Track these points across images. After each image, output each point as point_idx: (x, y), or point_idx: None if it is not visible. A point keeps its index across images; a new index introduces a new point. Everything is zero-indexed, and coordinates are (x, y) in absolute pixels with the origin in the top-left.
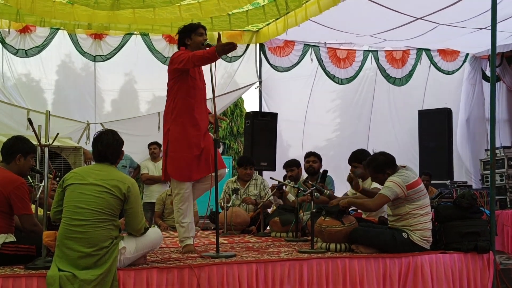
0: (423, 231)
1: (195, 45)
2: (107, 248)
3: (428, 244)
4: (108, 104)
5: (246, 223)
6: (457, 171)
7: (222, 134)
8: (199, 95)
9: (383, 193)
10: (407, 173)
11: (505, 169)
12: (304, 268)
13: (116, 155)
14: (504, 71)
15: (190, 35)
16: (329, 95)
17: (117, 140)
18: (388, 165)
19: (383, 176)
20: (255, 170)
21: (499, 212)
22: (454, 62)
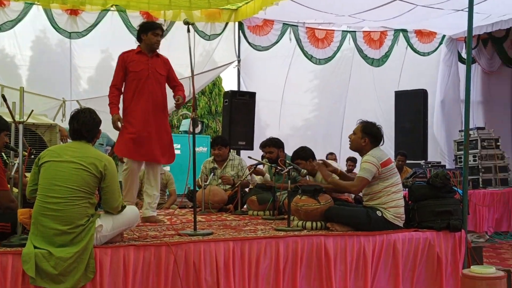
0: (396, 208)
1: (148, 42)
2: (83, 226)
3: (402, 221)
4: (84, 81)
5: (224, 201)
6: (432, 151)
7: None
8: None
9: (362, 175)
10: (380, 153)
11: (478, 150)
12: (280, 246)
13: (93, 134)
14: (479, 53)
15: (147, 32)
16: (307, 75)
17: (94, 119)
18: (373, 136)
19: (359, 138)
20: (233, 149)
21: (472, 192)
22: (431, 43)
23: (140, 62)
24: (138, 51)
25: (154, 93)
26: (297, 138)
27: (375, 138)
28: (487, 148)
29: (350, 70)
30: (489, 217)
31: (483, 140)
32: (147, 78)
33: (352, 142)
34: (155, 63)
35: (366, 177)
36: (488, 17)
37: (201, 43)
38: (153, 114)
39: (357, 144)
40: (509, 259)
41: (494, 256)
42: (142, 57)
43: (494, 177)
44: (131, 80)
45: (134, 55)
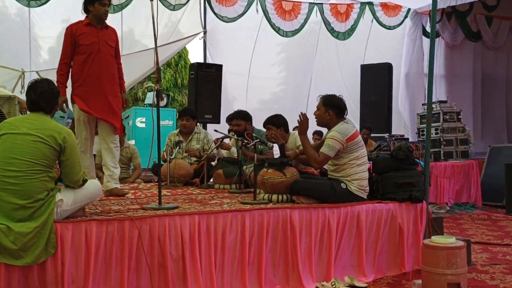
0: (360, 180)
1: (96, 14)
2: (43, 200)
3: (365, 193)
4: (44, 52)
5: (190, 175)
6: (395, 124)
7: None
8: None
9: (325, 152)
10: (346, 126)
11: (440, 123)
12: (246, 219)
13: (51, 105)
14: (443, 27)
15: (94, 3)
16: (274, 48)
17: (52, 90)
18: (336, 107)
19: (324, 112)
20: (199, 122)
21: (433, 164)
22: (396, 17)
23: (90, 35)
24: (87, 23)
25: (105, 66)
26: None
27: (339, 110)
28: (449, 121)
29: (317, 44)
30: (449, 189)
31: (445, 113)
32: (98, 51)
33: (318, 118)
34: (105, 35)
35: (329, 154)
36: None
37: (166, 13)
38: (107, 87)
39: (322, 119)
40: (469, 229)
41: (454, 226)
42: (92, 29)
43: (455, 149)
44: (81, 53)
45: (83, 27)
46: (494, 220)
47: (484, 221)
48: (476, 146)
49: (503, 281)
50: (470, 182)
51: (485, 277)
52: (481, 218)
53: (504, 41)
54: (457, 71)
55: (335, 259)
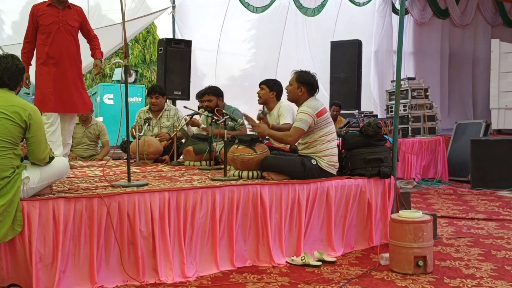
0: (330, 156)
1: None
2: (9, 178)
3: (335, 169)
4: (8, 27)
5: (159, 152)
6: (365, 101)
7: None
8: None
9: (298, 126)
10: (315, 102)
11: (408, 100)
12: (216, 196)
13: (15, 81)
14: (412, 4)
15: None
16: (244, 25)
17: (16, 65)
18: (309, 85)
19: (296, 88)
20: (169, 99)
21: (401, 140)
22: None
23: (50, 15)
24: (49, 3)
25: (65, 46)
26: (235, 88)
27: (311, 87)
28: (417, 98)
29: (285, 19)
30: (417, 165)
31: (413, 90)
32: (58, 31)
33: (289, 93)
34: (67, 15)
35: (302, 128)
36: None
37: None
38: (68, 66)
39: (294, 94)
40: (435, 204)
41: (421, 201)
42: (53, 10)
43: (423, 126)
44: (42, 33)
45: (44, 8)
46: (460, 195)
47: (450, 195)
48: (443, 122)
49: (467, 254)
50: (437, 158)
51: (450, 250)
52: (447, 193)
53: (471, 19)
54: (425, 48)
55: (304, 234)
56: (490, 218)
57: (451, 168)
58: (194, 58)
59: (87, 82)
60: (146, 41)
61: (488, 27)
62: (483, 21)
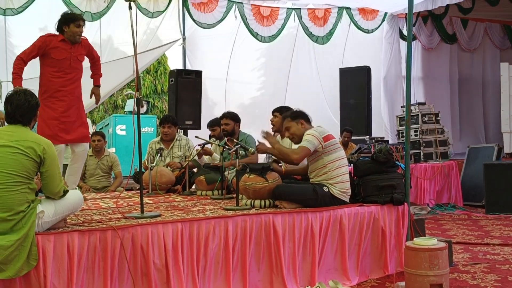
0: (342, 183)
1: (71, 34)
2: (24, 213)
3: (347, 196)
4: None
5: (171, 182)
6: (375, 127)
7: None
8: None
9: (304, 145)
10: (320, 128)
11: (419, 125)
12: (229, 225)
13: (28, 117)
14: (420, 30)
15: (68, 24)
16: (253, 53)
17: (29, 101)
18: (303, 116)
19: (296, 125)
20: (180, 129)
21: (413, 166)
22: (373, 21)
23: (63, 50)
24: (62, 39)
25: (73, 80)
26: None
27: (305, 116)
28: (428, 123)
29: (293, 48)
30: (430, 190)
31: (424, 115)
32: (69, 66)
33: (295, 136)
34: (77, 51)
35: (308, 147)
36: None
37: (144, 20)
38: (74, 99)
39: (298, 131)
40: (450, 229)
41: (436, 227)
42: (66, 45)
43: (435, 150)
44: (52, 66)
45: (57, 42)
46: (474, 220)
47: (465, 221)
48: (455, 147)
49: (484, 280)
50: (450, 183)
51: (467, 277)
52: (462, 218)
53: (479, 43)
54: (434, 73)
55: (318, 263)
56: (506, 243)
57: (465, 192)
58: (204, 87)
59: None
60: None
61: (496, 51)
62: (491, 45)
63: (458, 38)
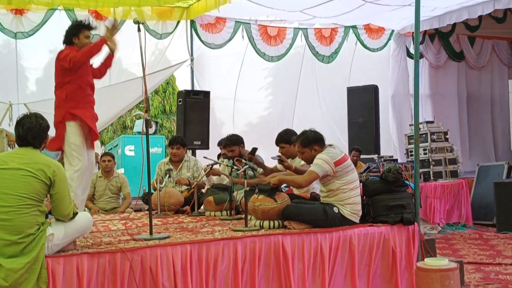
0: (353, 205)
1: (81, 45)
2: (34, 235)
3: (358, 217)
4: (32, 84)
5: (180, 203)
6: (384, 145)
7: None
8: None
9: (313, 169)
10: (333, 151)
11: (428, 143)
12: (238, 247)
13: (39, 140)
14: (427, 48)
15: (78, 35)
16: (261, 73)
17: (40, 124)
18: (316, 141)
19: (309, 152)
20: (188, 149)
21: (423, 185)
22: (379, 39)
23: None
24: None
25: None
26: (253, 134)
27: (320, 141)
28: (437, 141)
29: (301, 67)
30: (440, 209)
31: (433, 133)
32: (87, 74)
33: (307, 160)
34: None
35: (316, 172)
36: (434, 10)
37: (153, 41)
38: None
39: (311, 157)
40: (461, 249)
41: (447, 247)
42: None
43: (444, 169)
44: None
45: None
46: (486, 239)
47: (476, 240)
48: (465, 165)
49: None
50: (461, 202)
51: None
52: (473, 237)
53: (487, 61)
54: (442, 90)
55: (329, 285)
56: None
57: (475, 211)
58: (212, 107)
59: (109, 134)
60: (165, 92)
61: (504, 68)
62: (499, 63)
63: (465, 55)
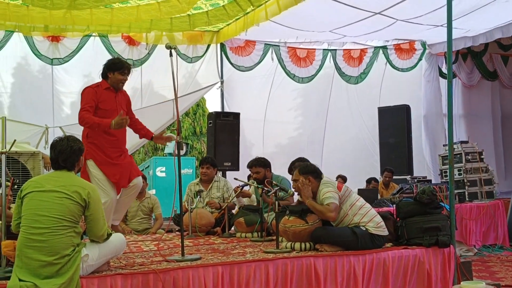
0: (372, 218)
1: (115, 81)
2: (69, 256)
3: (384, 230)
4: (67, 107)
5: (211, 224)
6: (417, 166)
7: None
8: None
9: (332, 201)
10: (329, 180)
11: (462, 164)
12: (270, 269)
13: (70, 162)
14: (459, 67)
15: (114, 71)
16: (290, 94)
17: (71, 147)
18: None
19: (303, 180)
20: (219, 170)
21: (458, 206)
22: (410, 60)
23: (109, 100)
24: (106, 87)
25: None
26: (283, 155)
27: (317, 173)
28: (472, 162)
29: (330, 87)
30: (476, 231)
31: (467, 153)
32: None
33: (297, 189)
34: (121, 100)
35: (336, 202)
36: (467, 32)
37: (183, 65)
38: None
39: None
40: (498, 272)
41: (483, 269)
42: (110, 94)
43: (480, 190)
44: (101, 117)
45: (103, 91)
46: None
47: None
48: (501, 185)
49: None
50: (497, 223)
51: None
52: (510, 259)
53: None
54: (476, 110)
55: None
56: None
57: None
58: (242, 128)
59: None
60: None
61: None
62: None
63: (499, 75)
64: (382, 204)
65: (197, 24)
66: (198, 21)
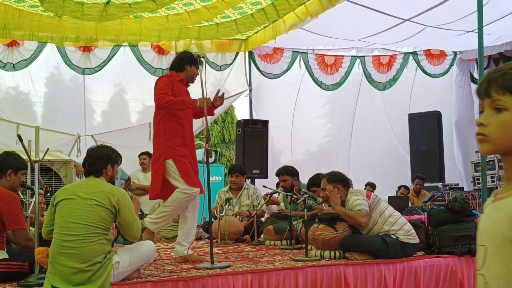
0: (402, 226)
1: (191, 74)
2: (101, 263)
3: (415, 237)
4: (98, 116)
5: (240, 232)
6: (449, 173)
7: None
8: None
9: (363, 208)
10: (359, 190)
11: (495, 171)
12: (299, 277)
13: (96, 167)
14: None
15: (191, 64)
16: (318, 101)
17: (99, 152)
18: (341, 180)
19: (331, 188)
20: (247, 178)
21: None
22: (441, 65)
23: (182, 92)
24: (180, 80)
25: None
26: (312, 163)
27: (345, 182)
28: None
29: (358, 93)
30: None
31: (500, 160)
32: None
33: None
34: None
35: (366, 208)
36: (499, 38)
37: (212, 73)
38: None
39: (329, 196)
40: None
41: None
42: (183, 87)
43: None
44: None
45: (177, 83)
46: None
47: None
48: None
49: None
50: None
51: None
52: None
53: None
54: None
55: None
56: None
57: None
58: (270, 135)
59: None
60: (224, 121)
61: None
62: None
63: None
64: (413, 212)
65: (225, 32)
66: (226, 29)
